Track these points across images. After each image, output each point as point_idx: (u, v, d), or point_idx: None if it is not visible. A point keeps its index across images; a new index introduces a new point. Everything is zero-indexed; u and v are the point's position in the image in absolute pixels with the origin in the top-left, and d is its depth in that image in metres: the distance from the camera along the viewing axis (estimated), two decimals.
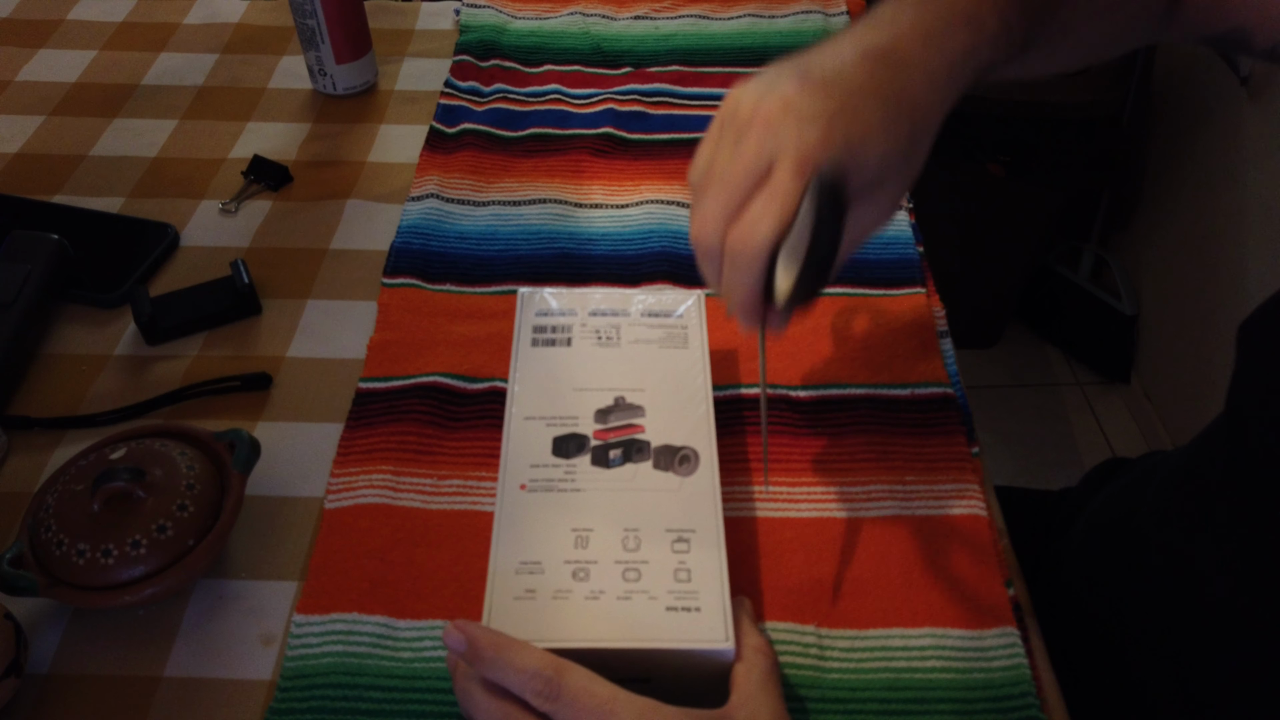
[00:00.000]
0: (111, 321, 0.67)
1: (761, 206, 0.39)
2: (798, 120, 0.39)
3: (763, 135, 0.40)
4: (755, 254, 0.40)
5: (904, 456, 0.57)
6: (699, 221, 0.41)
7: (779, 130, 0.40)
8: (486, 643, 0.40)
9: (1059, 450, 1.68)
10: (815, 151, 0.39)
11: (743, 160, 0.40)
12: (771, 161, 0.40)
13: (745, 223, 0.40)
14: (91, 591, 0.48)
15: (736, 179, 0.40)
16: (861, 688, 0.48)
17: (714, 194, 0.41)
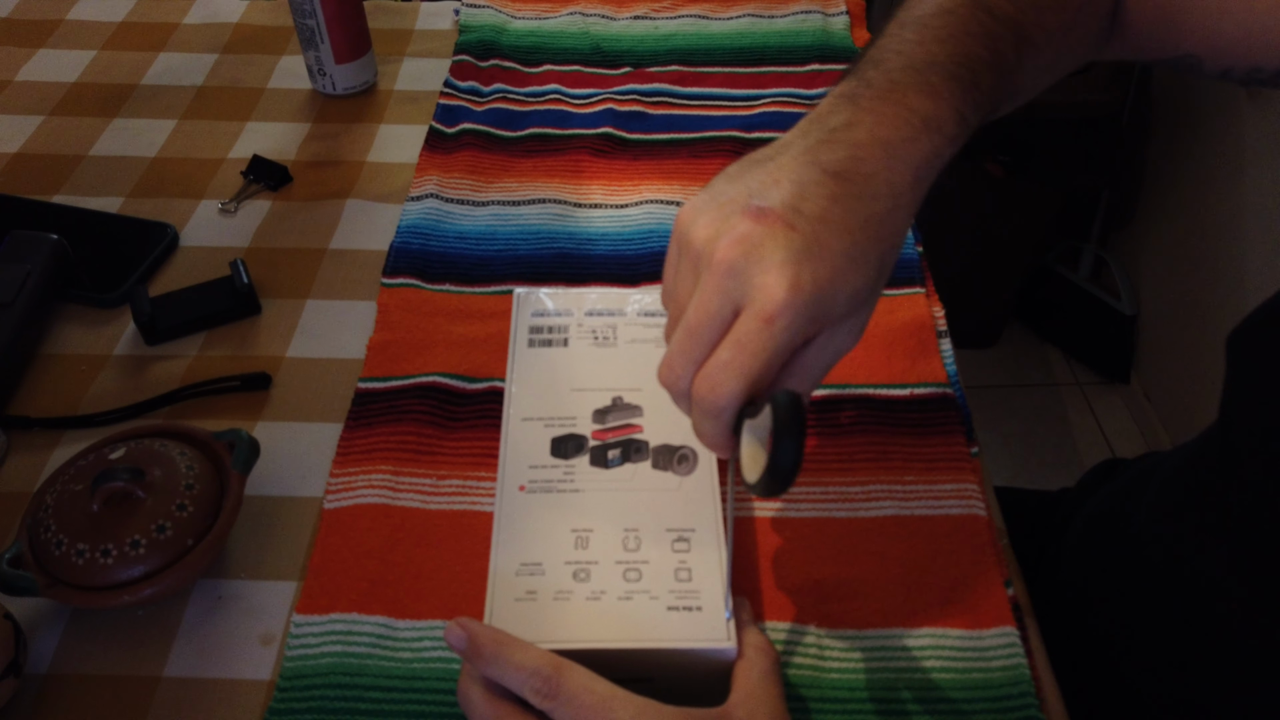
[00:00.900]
0: (111, 321, 0.67)
1: (728, 357, 0.37)
2: (761, 266, 0.37)
3: (724, 281, 0.37)
4: (721, 409, 0.38)
5: (903, 456, 0.57)
6: (665, 366, 0.40)
7: (741, 276, 0.37)
8: (486, 640, 0.40)
9: (1058, 450, 1.68)
10: (783, 303, 0.36)
11: (705, 308, 0.38)
12: (736, 308, 0.37)
13: (710, 376, 0.38)
14: (91, 591, 0.48)
15: (700, 328, 0.38)
16: (861, 688, 0.48)
17: (679, 339, 0.39)
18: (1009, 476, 1.63)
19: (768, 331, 0.37)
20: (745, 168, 0.40)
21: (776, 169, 0.39)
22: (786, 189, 0.38)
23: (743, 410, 0.38)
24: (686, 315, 0.38)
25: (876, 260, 0.39)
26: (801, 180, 0.38)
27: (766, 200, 0.38)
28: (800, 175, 0.38)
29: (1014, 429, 1.71)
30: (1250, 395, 0.45)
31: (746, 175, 0.40)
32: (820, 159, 0.39)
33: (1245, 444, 0.46)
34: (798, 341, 0.38)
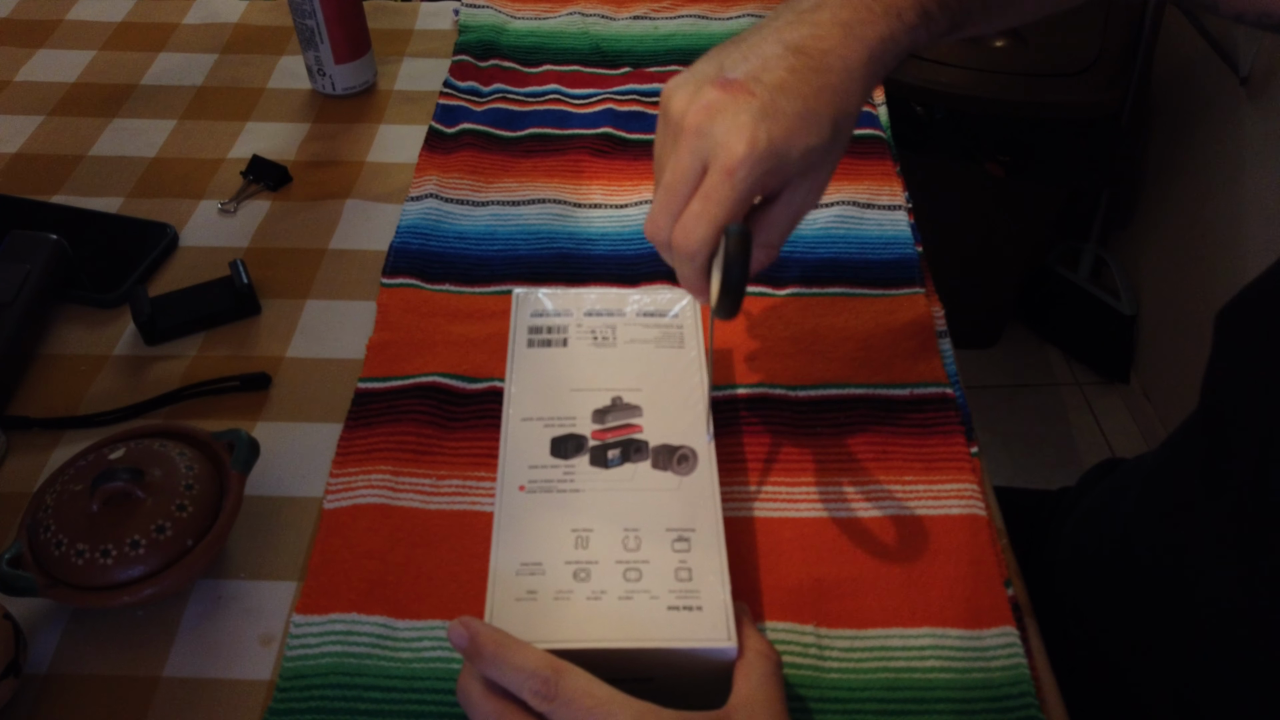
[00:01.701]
0: (110, 322, 0.67)
1: (698, 208, 0.43)
2: (724, 128, 0.42)
3: (694, 141, 0.43)
4: (693, 253, 0.44)
5: (903, 456, 0.57)
6: (650, 220, 0.46)
7: (707, 137, 0.43)
8: (487, 640, 0.40)
9: (1058, 450, 1.68)
10: (741, 157, 0.42)
11: (680, 166, 0.44)
12: (704, 165, 0.43)
13: (683, 226, 0.44)
14: (90, 592, 0.48)
15: (675, 185, 0.44)
16: (860, 688, 0.48)
17: (660, 196, 0.45)
18: (1009, 476, 1.63)
19: (729, 183, 0.42)
20: (723, 48, 0.46)
21: (747, 47, 0.45)
22: (752, 62, 0.44)
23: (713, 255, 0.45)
24: (664, 174, 0.45)
25: (830, 124, 0.44)
26: (765, 54, 0.44)
27: (733, 72, 0.43)
28: (764, 50, 0.44)
29: (1014, 429, 1.71)
30: (1236, 373, 0.46)
31: (721, 53, 0.45)
32: (784, 37, 0.44)
33: (1230, 422, 0.46)
34: (757, 191, 0.44)
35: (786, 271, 0.68)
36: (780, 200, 0.46)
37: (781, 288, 0.67)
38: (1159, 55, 1.58)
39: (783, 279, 0.68)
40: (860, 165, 0.77)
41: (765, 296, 0.67)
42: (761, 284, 0.67)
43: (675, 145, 0.44)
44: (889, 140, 0.80)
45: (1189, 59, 1.51)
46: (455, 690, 0.46)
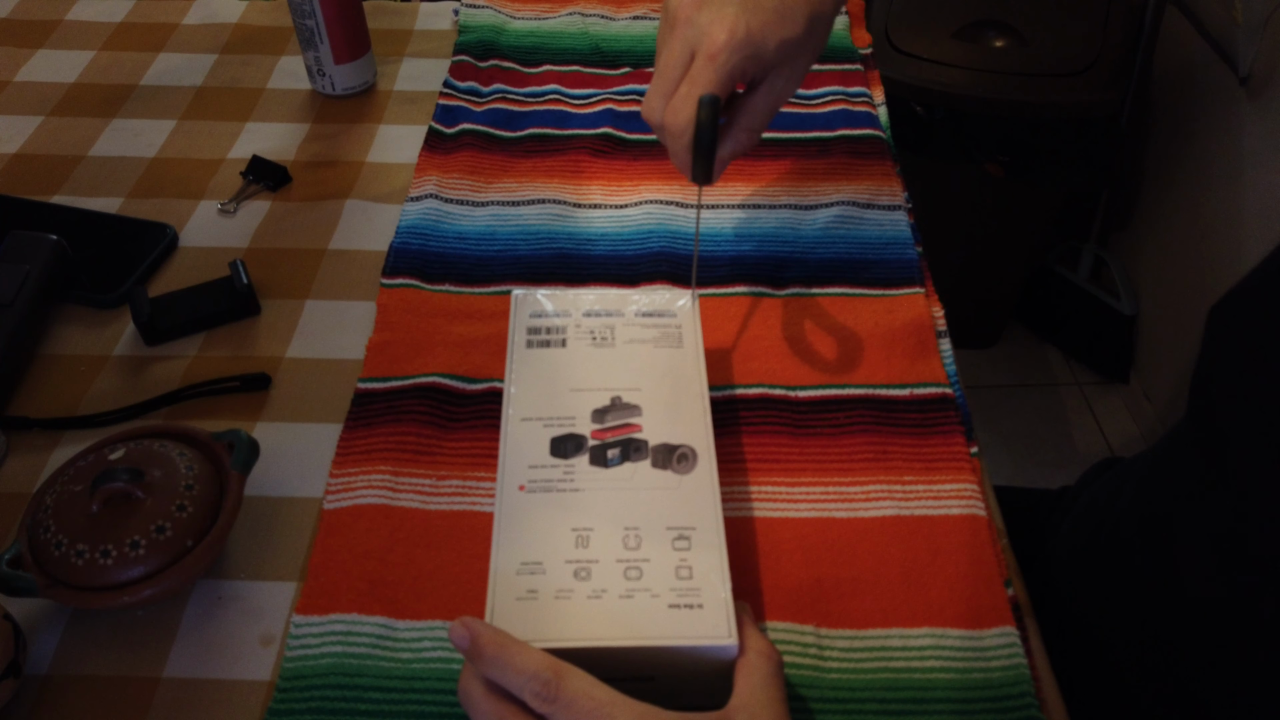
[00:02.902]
0: (110, 322, 0.67)
1: (685, 90, 0.50)
2: (709, 17, 0.50)
3: (684, 31, 0.51)
4: (681, 129, 0.51)
5: (903, 456, 0.57)
6: (646, 102, 0.53)
7: (695, 25, 0.50)
8: (488, 641, 0.40)
9: (1058, 450, 1.68)
10: (723, 43, 0.49)
11: (671, 54, 0.51)
12: (693, 52, 0.51)
13: (673, 107, 0.51)
14: (90, 592, 0.48)
15: (668, 70, 0.52)
16: (860, 688, 0.48)
17: (655, 81, 0.52)
18: (1009, 476, 1.63)
19: (712, 66, 0.50)
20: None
21: None
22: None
23: None
24: (659, 61, 0.52)
25: (805, 19, 0.52)
26: None
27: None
28: None
29: (1014, 429, 1.71)
30: (1228, 368, 0.46)
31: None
32: None
33: (1221, 417, 0.46)
34: (738, 77, 0.51)
35: (786, 271, 0.68)
36: (760, 89, 0.54)
37: (781, 288, 0.67)
38: (1159, 55, 1.58)
39: (783, 279, 0.68)
40: (860, 165, 0.77)
41: (765, 296, 0.67)
42: (761, 284, 0.67)
43: (670, 35, 0.51)
44: (889, 140, 0.80)
45: (1189, 59, 1.51)
46: (456, 691, 0.46)
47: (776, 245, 0.70)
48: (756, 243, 0.71)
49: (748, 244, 0.70)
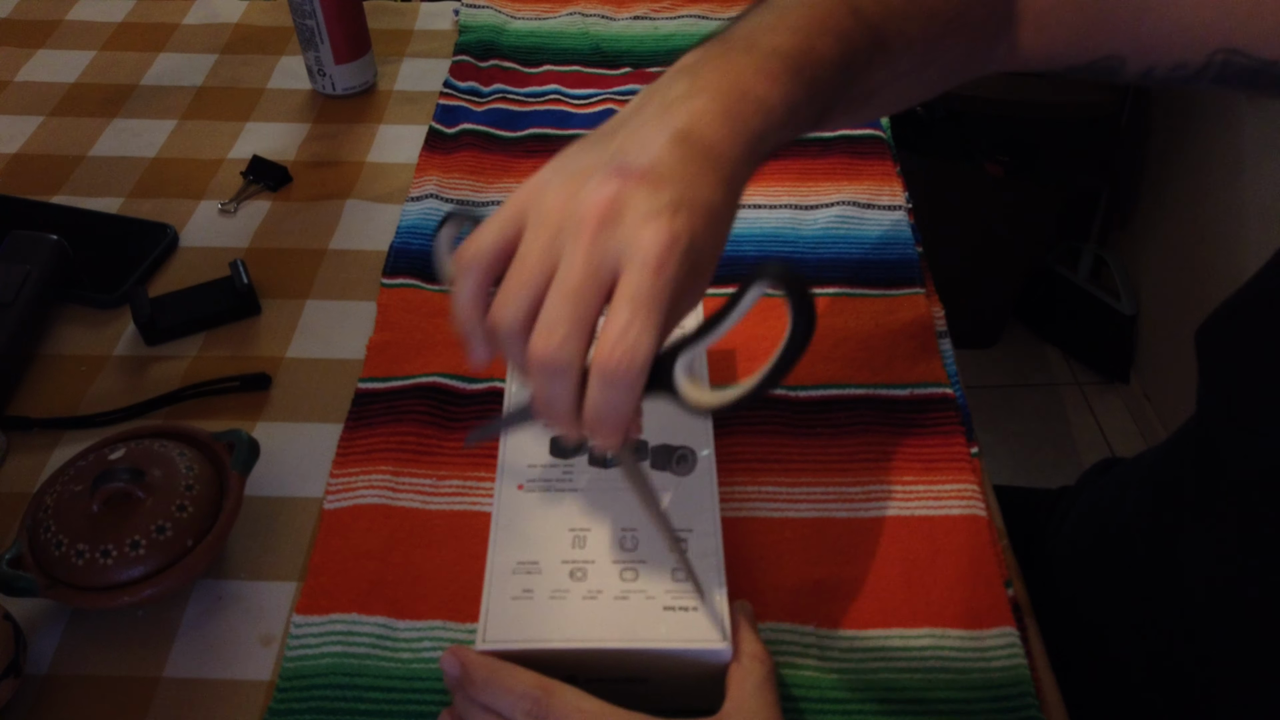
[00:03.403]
0: (110, 322, 0.67)
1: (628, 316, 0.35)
2: (637, 220, 0.35)
3: (599, 238, 0.35)
4: (639, 372, 0.35)
5: (903, 457, 0.57)
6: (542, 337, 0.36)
7: (617, 232, 0.35)
8: (478, 666, 0.41)
9: (1058, 450, 1.68)
10: (666, 250, 0.35)
11: (586, 267, 0.35)
12: (615, 266, 0.36)
13: (621, 342, 0.35)
14: (90, 592, 0.48)
15: (582, 289, 0.35)
16: (861, 688, 0.48)
17: (556, 306, 0.36)
18: (1009, 476, 1.63)
19: (659, 281, 0.35)
20: (590, 143, 0.40)
21: (626, 136, 0.39)
22: (642, 151, 0.38)
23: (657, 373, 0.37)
24: (561, 279, 0.36)
25: (731, 219, 0.40)
26: (653, 142, 0.38)
27: (627, 159, 0.37)
28: (651, 138, 0.38)
29: (1014, 429, 1.71)
30: (1221, 390, 0.46)
31: (595, 148, 0.39)
32: (666, 123, 0.38)
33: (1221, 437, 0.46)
34: (680, 293, 0.36)
35: None
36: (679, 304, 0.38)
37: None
38: None
39: None
40: (860, 165, 0.77)
41: (765, 296, 0.67)
42: None
43: (569, 244, 0.36)
44: (889, 140, 0.80)
45: None
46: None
47: (777, 245, 0.70)
48: (757, 242, 0.71)
49: (748, 244, 0.70)
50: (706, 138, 0.38)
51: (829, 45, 0.43)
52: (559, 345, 0.35)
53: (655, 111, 0.39)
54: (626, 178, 0.36)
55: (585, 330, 0.36)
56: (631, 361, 0.35)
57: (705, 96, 0.39)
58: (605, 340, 0.35)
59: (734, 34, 0.43)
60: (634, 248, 0.35)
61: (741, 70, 0.40)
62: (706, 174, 0.38)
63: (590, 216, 0.36)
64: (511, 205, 0.38)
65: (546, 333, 0.36)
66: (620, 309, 0.35)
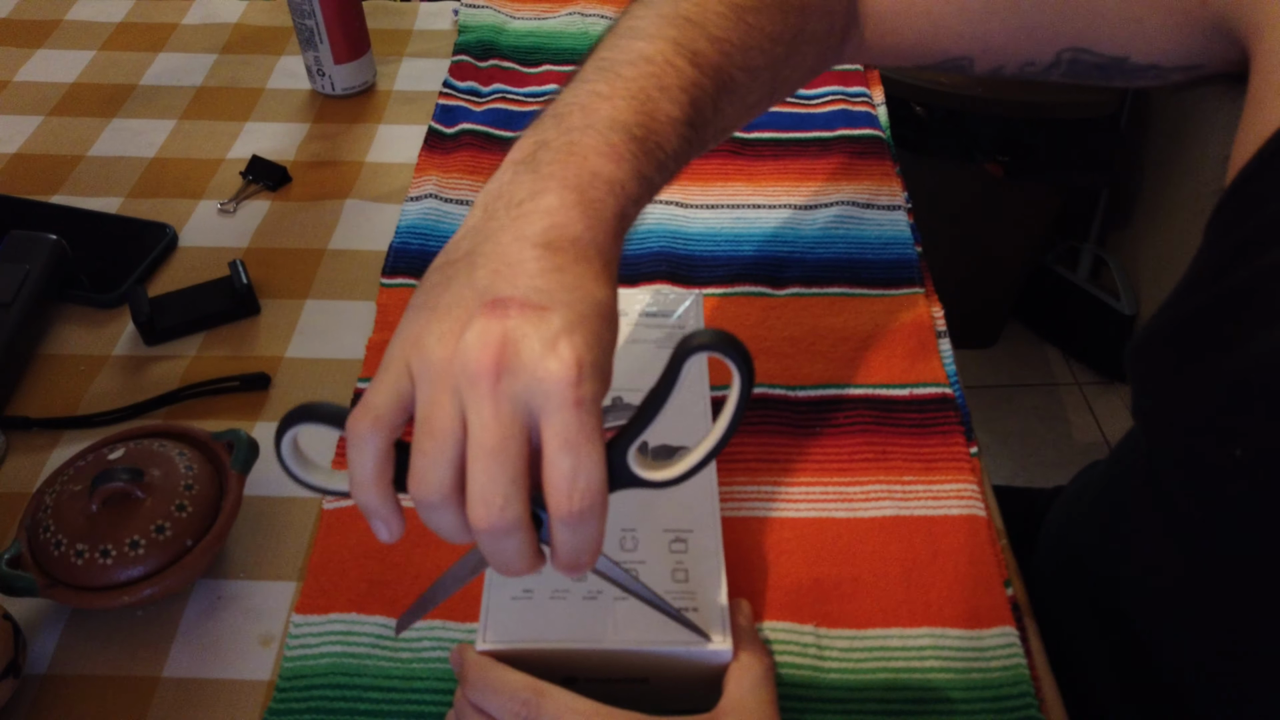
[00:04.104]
0: (110, 322, 0.67)
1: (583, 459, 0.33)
2: (534, 359, 0.33)
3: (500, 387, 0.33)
4: (602, 504, 0.34)
5: (902, 456, 0.57)
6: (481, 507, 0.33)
7: (519, 375, 0.33)
8: (471, 666, 0.41)
9: (1058, 450, 1.68)
10: (578, 379, 0.33)
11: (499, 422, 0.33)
12: (530, 413, 0.33)
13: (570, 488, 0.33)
14: (90, 592, 0.48)
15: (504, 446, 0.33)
16: (860, 688, 0.48)
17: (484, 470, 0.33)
18: (1008, 476, 1.63)
19: (584, 413, 0.33)
20: (448, 272, 0.36)
21: (487, 259, 0.36)
22: (511, 274, 0.35)
23: None
24: (478, 440, 0.33)
25: (617, 317, 0.37)
26: (520, 260, 0.35)
27: (499, 292, 0.34)
28: (515, 258, 0.35)
29: (1013, 429, 1.71)
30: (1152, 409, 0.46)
31: (458, 278, 0.36)
32: (525, 234, 0.36)
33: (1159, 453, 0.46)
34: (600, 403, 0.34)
35: (786, 272, 0.68)
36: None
37: (781, 288, 0.67)
38: None
39: (783, 279, 0.68)
40: (860, 165, 0.77)
41: (765, 296, 0.67)
42: (761, 284, 0.67)
43: (470, 400, 0.33)
44: (888, 140, 0.80)
45: None
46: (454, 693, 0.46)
47: (776, 245, 0.70)
48: (756, 243, 0.71)
49: (748, 244, 0.70)
50: (569, 237, 0.36)
51: (671, 105, 0.41)
52: (501, 511, 0.33)
53: (507, 220, 0.37)
54: (507, 314, 0.33)
55: (522, 485, 0.33)
56: (592, 501, 0.33)
57: (554, 192, 0.37)
58: (558, 492, 0.33)
59: (567, 108, 0.40)
60: (544, 391, 0.33)
61: (585, 154, 0.38)
62: (583, 277, 0.35)
63: (485, 369, 0.33)
64: (394, 361, 0.35)
65: (484, 503, 0.33)
66: (560, 458, 0.33)
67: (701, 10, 0.45)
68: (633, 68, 0.41)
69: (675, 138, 0.41)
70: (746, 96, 0.47)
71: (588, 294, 0.35)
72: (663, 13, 0.44)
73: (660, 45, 0.43)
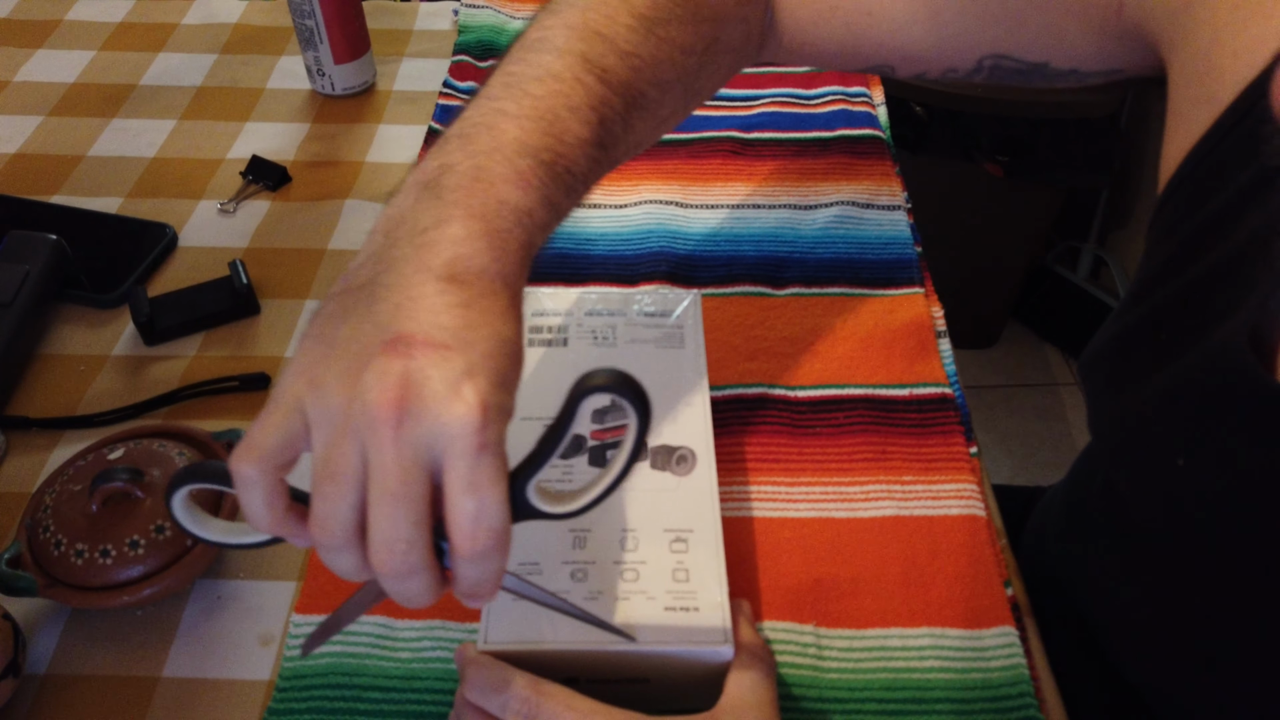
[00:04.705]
0: (110, 322, 0.67)
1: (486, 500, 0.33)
2: (437, 403, 0.32)
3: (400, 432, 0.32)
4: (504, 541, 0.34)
5: (902, 456, 0.57)
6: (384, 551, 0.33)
7: (420, 419, 0.32)
8: (472, 665, 0.41)
9: (1057, 450, 1.68)
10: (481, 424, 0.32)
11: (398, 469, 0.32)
12: (432, 456, 0.32)
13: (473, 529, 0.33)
14: (90, 592, 0.48)
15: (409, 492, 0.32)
16: (860, 687, 0.48)
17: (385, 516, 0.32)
18: (1008, 476, 1.63)
19: (488, 458, 0.32)
20: (347, 302, 0.35)
21: (389, 291, 0.34)
22: (413, 309, 0.33)
23: None
24: (380, 484, 0.32)
25: (523, 351, 0.36)
26: (423, 295, 0.34)
27: (401, 328, 0.33)
28: (418, 291, 0.34)
29: (1013, 429, 1.71)
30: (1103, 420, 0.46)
31: (357, 310, 0.34)
32: (428, 265, 0.34)
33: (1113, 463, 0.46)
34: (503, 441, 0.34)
35: (786, 271, 0.68)
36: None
37: (781, 288, 0.67)
38: None
39: (783, 279, 0.68)
40: (859, 165, 0.77)
41: (765, 296, 0.67)
42: (761, 284, 0.67)
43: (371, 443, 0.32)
44: (888, 140, 0.80)
45: None
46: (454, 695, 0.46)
47: (776, 245, 0.70)
48: (756, 243, 0.71)
49: (747, 244, 0.70)
50: (474, 269, 0.35)
51: (580, 126, 0.40)
52: (404, 555, 0.33)
53: (410, 249, 0.35)
54: (410, 353, 0.32)
55: (425, 527, 0.33)
56: (495, 540, 0.33)
57: (460, 221, 0.35)
58: (461, 533, 0.32)
59: (473, 128, 0.39)
60: (448, 435, 0.32)
61: (492, 180, 0.37)
62: (489, 313, 0.34)
63: (386, 413, 0.31)
64: (286, 398, 0.34)
65: (387, 548, 0.33)
66: (464, 500, 0.32)
67: (611, 23, 0.43)
68: (540, 85, 0.40)
69: (584, 159, 0.40)
70: (658, 110, 0.46)
71: (494, 331, 0.34)
72: (571, 23, 0.43)
73: (569, 61, 0.41)
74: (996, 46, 0.50)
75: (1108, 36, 0.47)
